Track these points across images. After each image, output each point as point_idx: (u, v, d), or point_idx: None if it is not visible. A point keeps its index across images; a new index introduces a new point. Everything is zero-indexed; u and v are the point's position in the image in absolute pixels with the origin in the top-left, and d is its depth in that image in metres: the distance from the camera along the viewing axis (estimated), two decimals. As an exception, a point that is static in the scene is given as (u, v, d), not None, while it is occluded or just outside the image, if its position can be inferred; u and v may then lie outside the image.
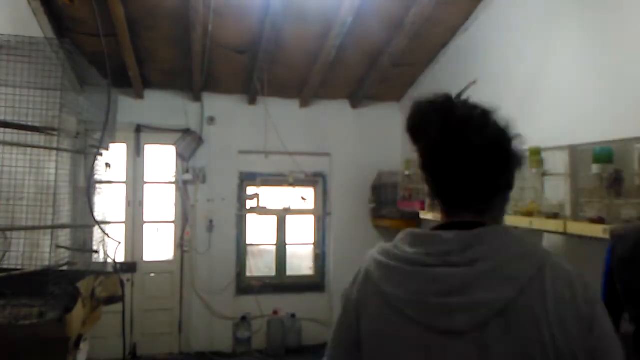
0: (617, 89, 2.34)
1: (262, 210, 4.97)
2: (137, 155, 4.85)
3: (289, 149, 4.98)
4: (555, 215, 2.36)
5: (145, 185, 4.89)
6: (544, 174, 2.54)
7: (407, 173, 4.51)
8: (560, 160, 2.40)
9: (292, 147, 5.00)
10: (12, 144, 2.15)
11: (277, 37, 3.97)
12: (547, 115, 2.84)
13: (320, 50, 4.17)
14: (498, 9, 3.43)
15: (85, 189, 2.47)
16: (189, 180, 4.87)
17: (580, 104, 2.57)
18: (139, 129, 4.82)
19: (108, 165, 2.94)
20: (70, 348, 1.92)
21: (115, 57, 3.92)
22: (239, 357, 4.79)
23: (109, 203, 2.95)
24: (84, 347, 2.25)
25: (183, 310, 4.86)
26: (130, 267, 4.60)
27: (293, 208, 5.06)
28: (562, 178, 2.39)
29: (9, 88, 2.16)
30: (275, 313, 4.96)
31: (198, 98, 4.89)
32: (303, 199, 5.09)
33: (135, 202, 4.83)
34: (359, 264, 0.99)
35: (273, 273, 5.21)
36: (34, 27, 3.29)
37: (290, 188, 5.01)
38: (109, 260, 2.78)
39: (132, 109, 4.68)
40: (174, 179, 4.92)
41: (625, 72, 2.28)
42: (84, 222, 2.61)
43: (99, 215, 2.61)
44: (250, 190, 5.05)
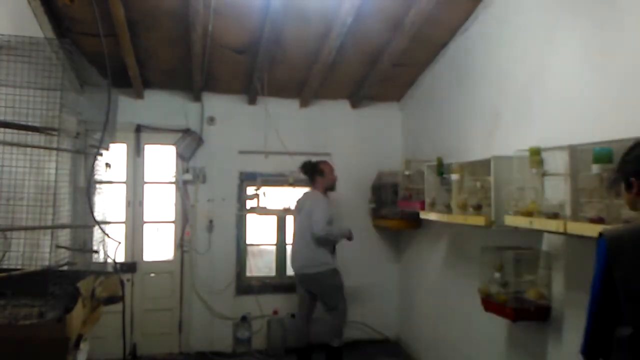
0: (617, 89, 2.33)
1: (262, 210, 4.97)
2: (137, 155, 4.85)
3: (289, 149, 4.99)
4: (555, 215, 2.36)
5: (145, 185, 4.89)
6: (544, 174, 2.54)
7: (407, 173, 4.51)
8: (560, 160, 2.40)
9: (292, 147, 5.00)
10: (12, 144, 2.15)
11: (277, 37, 3.97)
12: (547, 115, 2.84)
13: (320, 50, 4.17)
14: (498, 9, 3.42)
15: (85, 189, 2.46)
16: (189, 180, 4.87)
17: (580, 104, 2.56)
18: (139, 129, 4.82)
19: (108, 165, 2.93)
20: (70, 348, 1.92)
21: (115, 57, 3.93)
22: (239, 357, 4.79)
23: (109, 203, 2.94)
24: (84, 347, 2.24)
25: (183, 310, 4.86)
26: (130, 267, 4.61)
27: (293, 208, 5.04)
28: (562, 178, 2.39)
29: (9, 88, 2.15)
30: (275, 313, 4.96)
31: (198, 98, 4.89)
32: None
33: (135, 202, 4.84)
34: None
35: (273, 273, 5.22)
36: (34, 27, 3.29)
37: (290, 188, 5.01)
38: (109, 260, 2.77)
39: (132, 109, 4.68)
40: (174, 179, 4.92)
41: (626, 72, 2.28)
42: (84, 222, 2.61)
43: (99, 215, 2.61)
44: (252, 190, 5.04)
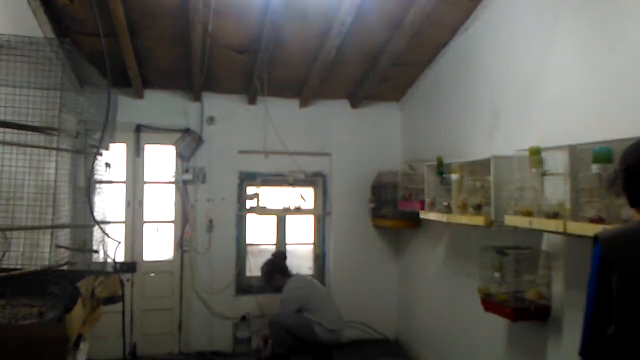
0: (617, 89, 2.33)
1: (262, 210, 4.97)
2: (137, 155, 4.85)
3: (289, 149, 4.99)
4: (555, 215, 2.36)
5: (145, 185, 4.89)
6: (544, 174, 2.54)
7: (407, 173, 4.51)
8: (561, 160, 2.40)
9: (292, 147, 5.00)
10: (12, 144, 2.15)
11: (277, 37, 3.97)
12: (547, 115, 2.84)
13: (320, 50, 4.17)
14: (498, 9, 3.42)
15: (85, 189, 2.46)
16: (189, 180, 4.87)
17: (580, 104, 2.56)
18: (139, 129, 4.82)
19: (108, 165, 2.93)
20: (70, 348, 1.92)
21: (115, 57, 3.93)
22: (239, 357, 4.79)
23: (109, 203, 2.94)
24: (84, 347, 2.25)
25: (183, 310, 4.86)
26: (130, 267, 4.58)
27: (293, 208, 5.05)
28: (562, 178, 2.39)
29: (9, 88, 2.15)
30: (275, 313, 4.96)
31: (198, 98, 4.89)
32: (302, 198, 5.09)
33: (135, 202, 4.84)
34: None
35: (273, 273, 5.22)
36: (34, 27, 3.28)
37: (291, 188, 5.01)
38: (109, 260, 2.78)
39: (132, 109, 4.68)
40: (174, 179, 4.92)
41: (625, 72, 2.28)
42: (84, 222, 2.60)
43: (99, 215, 2.61)
44: (252, 190, 5.05)
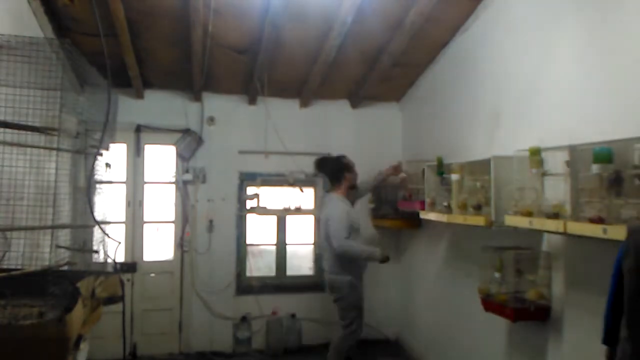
0: (617, 89, 2.33)
1: (262, 210, 4.96)
2: (137, 155, 4.85)
3: (289, 149, 4.99)
4: (555, 215, 2.36)
5: (145, 185, 4.89)
6: (544, 174, 2.54)
7: (407, 173, 4.51)
8: (560, 160, 2.40)
9: (292, 147, 5.00)
10: (12, 144, 2.15)
11: (277, 37, 3.97)
12: (547, 116, 2.84)
13: (320, 50, 4.17)
14: (498, 9, 3.42)
15: (85, 189, 2.46)
16: (189, 180, 4.87)
17: (580, 104, 2.56)
18: (139, 129, 4.82)
19: (108, 165, 2.93)
20: (70, 348, 1.92)
21: (115, 57, 3.93)
22: (239, 357, 4.79)
23: (109, 203, 2.94)
24: (84, 347, 2.25)
25: (183, 310, 4.86)
26: (130, 267, 4.59)
27: (293, 208, 5.04)
28: (562, 178, 2.39)
29: (9, 88, 2.15)
30: (275, 313, 4.96)
31: (198, 98, 4.89)
32: (301, 190, 5.04)
33: (135, 202, 4.84)
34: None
35: (273, 273, 5.21)
36: (34, 27, 3.29)
37: (290, 188, 5.00)
38: (109, 260, 2.78)
39: (132, 109, 4.68)
40: (174, 179, 4.92)
41: (625, 72, 2.28)
42: (84, 222, 2.60)
43: (99, 215, 2.61)
44: (251, 190, 5.04)
